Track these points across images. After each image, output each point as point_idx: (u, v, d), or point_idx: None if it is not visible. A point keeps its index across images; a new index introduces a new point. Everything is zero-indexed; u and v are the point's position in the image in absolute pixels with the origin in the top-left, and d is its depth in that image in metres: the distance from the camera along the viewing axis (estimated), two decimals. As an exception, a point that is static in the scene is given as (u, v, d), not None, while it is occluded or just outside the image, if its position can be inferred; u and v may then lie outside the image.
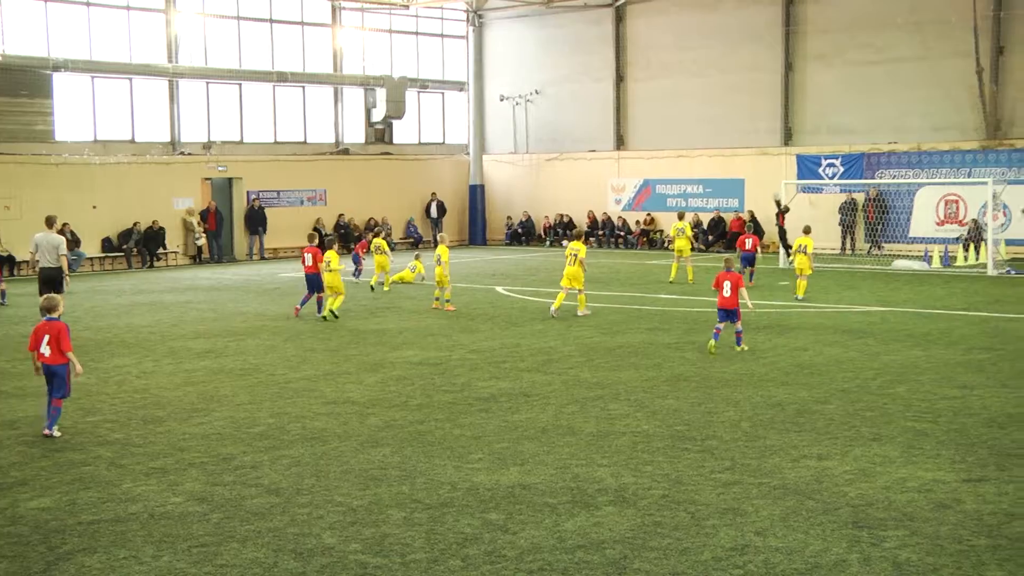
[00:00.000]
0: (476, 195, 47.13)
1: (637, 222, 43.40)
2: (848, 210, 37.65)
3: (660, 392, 13.90)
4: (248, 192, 39.94)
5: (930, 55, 36.63)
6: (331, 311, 21.52)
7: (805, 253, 24.16)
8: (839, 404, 13.08)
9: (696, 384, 14.40)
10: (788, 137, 39.93)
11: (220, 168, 39.18)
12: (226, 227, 39.57)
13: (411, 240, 44.35)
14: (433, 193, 45.65)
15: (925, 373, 15.01)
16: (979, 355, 16.47)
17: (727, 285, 17.11)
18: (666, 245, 39.74)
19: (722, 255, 27.83)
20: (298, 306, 22.50)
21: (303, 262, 22.26)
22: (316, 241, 22.98)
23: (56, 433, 11.89)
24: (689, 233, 28.23)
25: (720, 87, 41.23)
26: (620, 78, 43.96)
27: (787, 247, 31.71)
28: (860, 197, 38.07)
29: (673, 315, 21.66)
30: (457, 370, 15.83)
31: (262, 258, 39.64)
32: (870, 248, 37.30)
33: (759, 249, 28.77)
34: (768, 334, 18.87)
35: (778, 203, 33.01)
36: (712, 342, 16.94)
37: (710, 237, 40.95)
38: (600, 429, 11.91)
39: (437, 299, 23.02)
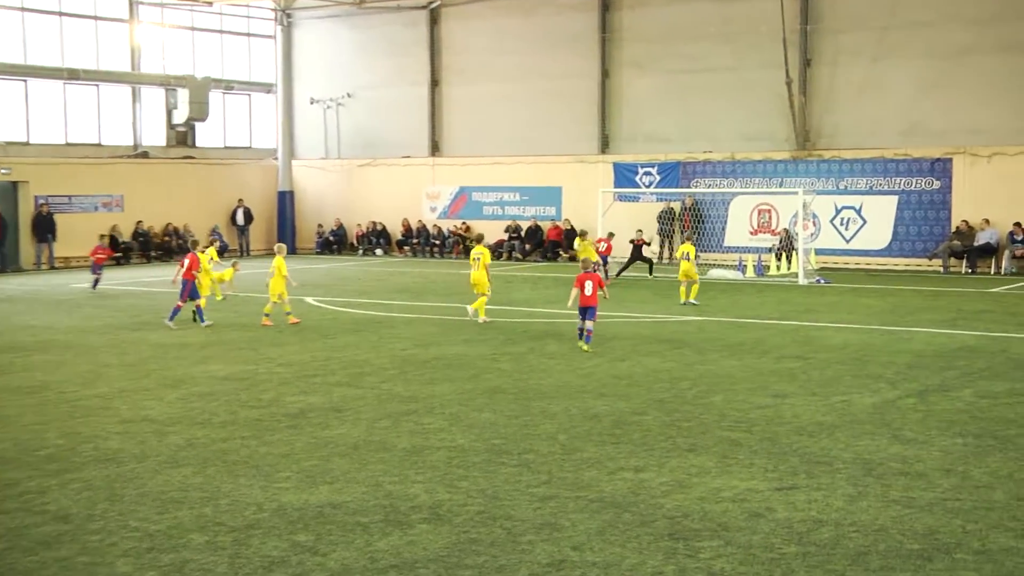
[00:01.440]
0: (285, 202, 46.47)
1: (452, 230, 43.57)
2: (666, 219, 38.80)
3: (476, 405, 13.89)
4: (36, 197, 38.29)
5: (742, 66, 38.09)
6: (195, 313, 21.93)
7: (689, 259, 25.35)
8: (656, 415, 13.31)
9: (513, 396, 14.44)
10: (605, 145, 40.84)
11: (3, 171, 37.45)
12: (11, 234, 37.82)
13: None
14: (240, 199, 44.77)
15: (739, 382, 15.41)
16: (790, 364, 17.03)
17: (588, 285, 18.22)
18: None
19: (539, 264, 28.35)
20: (169, 321, 21.92)
21: (181, 266, 22.00)
22: (107, 241, 22.58)
23: None
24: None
25: (537, 93, 41.83)
26: (436, 82, 44.15)
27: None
28: (677, 206, 39.24)
29: (489, 326, 21.74)
30: (264, 385, 15.51)
31: (52, 267, 38.07)
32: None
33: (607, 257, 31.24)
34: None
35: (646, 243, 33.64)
36: (581, 342, 18.18)
37: (527, 246, 41.49)
38: (414, 444, 11.84)
39: (267, 315, 22.32)
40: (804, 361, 17.33)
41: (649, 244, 34.02)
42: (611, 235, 32.18)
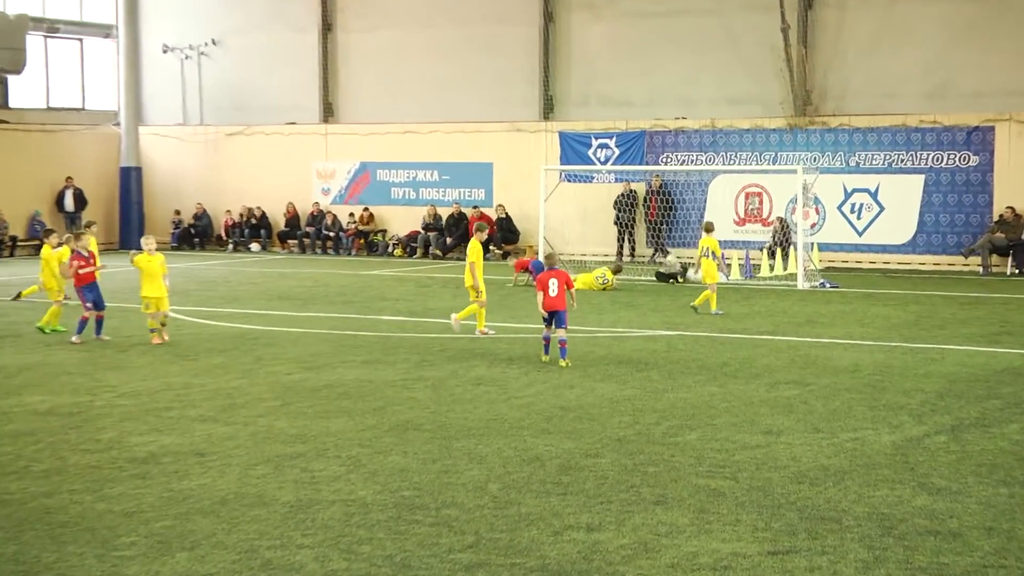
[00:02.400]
0: (130, 181, 46.08)
1: (351, 216, 43.37)
2: (626, 205, 38.99)
3: (382, 446, 13.79)
4: None
5: (725, 8, 38.31)
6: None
7: (712, 257, 25.98)
8: (614, 457, 13.27)
9: (430, 434, 14.36)
10: (549, 109, 40.99)
11: None
12: None
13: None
14: (68, 178, 44.31)
15: (721, 415, 15.40)
16: (787, 391, 17.07)
17: (553, 284, 18.61)
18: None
19: (462, 262, 28.52)
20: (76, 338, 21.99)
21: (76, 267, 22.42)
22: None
23: None
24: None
25: (460, 43, 41.82)
26: (328, 27, 44.02)
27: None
28: (641, 188, 39.36)
29: (400, 343, 21.74)
30: (102, 421, 15.28)
31: None
32: (654, 254, 38.46)
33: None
34: (522, 367, 19.11)
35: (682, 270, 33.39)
36: (544, 355, 18.91)
37: (448, 240, 41.44)
38: (300, 498, 11.71)
39: (155, 330, 22.04)
40: (804, 388, 17.38)
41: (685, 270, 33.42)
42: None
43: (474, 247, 22.29)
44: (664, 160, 38.92)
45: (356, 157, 43.89)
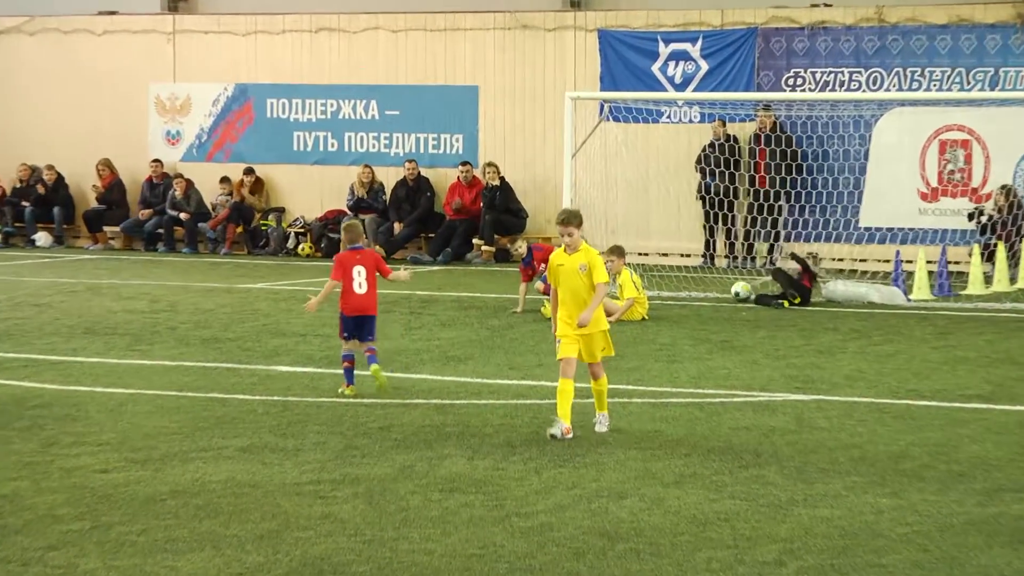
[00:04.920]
0: None
1: (222, 185, 31.59)
2: (720, 162, 28.83)
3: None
4: None
5: None
6: None
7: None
8: None
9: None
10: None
11: None
12: None
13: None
14: None
15: (897, 549, 10.88)
16: (1019, 506, 12.25)
17: (359, 273, 16.04)
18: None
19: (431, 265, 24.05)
20: None
21: None
22: None
23: None
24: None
25: None
26: None
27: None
28: (746, 131, 29.59)
29: (308, 414, 16.33)
30: None
31: None
32: (769, 253, 28.74)
33: None
34: (530, 455, 13.77)
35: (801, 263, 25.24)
36: (348, 387, 16.25)
37: (397, 226, 30.84)
38: None
39: None
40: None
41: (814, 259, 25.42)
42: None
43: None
44: (789, 81, 29.02)
45: (228, 75, 32.29)
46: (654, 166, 28.43)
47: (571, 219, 14.51)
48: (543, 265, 21.26)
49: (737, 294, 24.42)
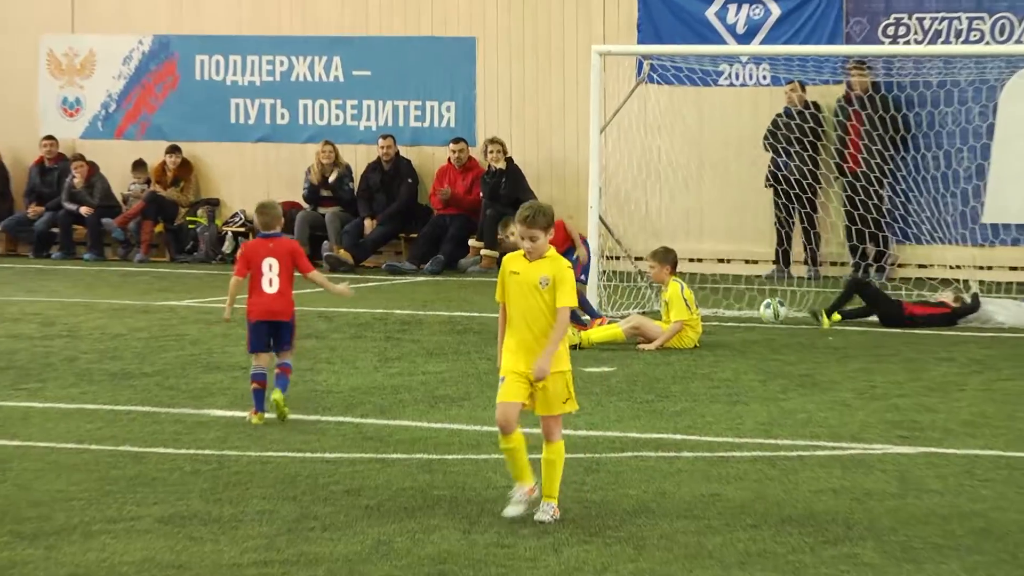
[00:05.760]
0: None
1: (135, 170, 27.43)
2: (795, 140, 24.94)
3: None
4: None
5: None
6: None
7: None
8: None
9: None
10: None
11: None
12: None
13: None
14: None
15: None
16: None
17: (270, 267, 14.82)
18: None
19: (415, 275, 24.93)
20: None
21: None
22: None
23: None
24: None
25: None
26: None
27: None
28: (831, 97, 25.52)
29: (251, 474, 14.82)
30: None
31: None
32: (857, 257, 24.60)
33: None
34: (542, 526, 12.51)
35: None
36: (255, 413, 15.09)
37: (369, 221, 27.18)
38: None
39: None
40: None
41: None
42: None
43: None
44: (889, 30, 24.70)
45: (144, 24, 27.56)
46: (709, 143, 24.58)
47: (536, 218, 11.62)
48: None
49: (772, 316, 21.55)
